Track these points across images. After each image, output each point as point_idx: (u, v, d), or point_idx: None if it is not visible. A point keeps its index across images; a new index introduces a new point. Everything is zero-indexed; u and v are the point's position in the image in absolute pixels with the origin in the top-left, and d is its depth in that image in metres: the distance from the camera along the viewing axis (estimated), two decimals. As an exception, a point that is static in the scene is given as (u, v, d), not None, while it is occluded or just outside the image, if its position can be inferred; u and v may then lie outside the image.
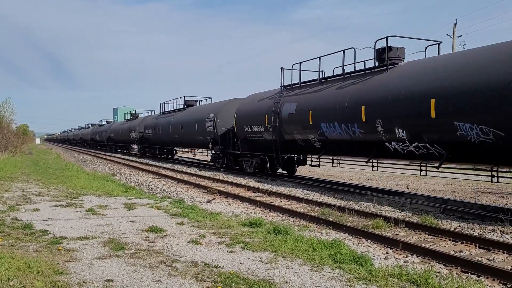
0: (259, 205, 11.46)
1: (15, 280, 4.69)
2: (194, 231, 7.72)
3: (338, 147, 14.72)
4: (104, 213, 9.28)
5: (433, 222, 9.13)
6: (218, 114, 23.02)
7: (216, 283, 4.95)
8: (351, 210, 10.27)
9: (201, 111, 25.66)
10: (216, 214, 9.46)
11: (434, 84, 10.46)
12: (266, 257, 6.08)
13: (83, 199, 11.28)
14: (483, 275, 5.77)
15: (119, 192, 13.20)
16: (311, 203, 11.75)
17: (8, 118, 44.27)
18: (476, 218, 9.80)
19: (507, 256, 6.84)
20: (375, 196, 12.64)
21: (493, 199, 13.83)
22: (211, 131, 23.12)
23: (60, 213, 9.19)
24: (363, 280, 5.16)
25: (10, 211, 9.28)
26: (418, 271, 5.53)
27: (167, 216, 9.06)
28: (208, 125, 23.45)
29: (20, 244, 6.53)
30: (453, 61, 10.84)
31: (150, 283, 4.94)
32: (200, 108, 27.24)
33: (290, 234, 7.30)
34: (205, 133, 23.90)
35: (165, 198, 12.06)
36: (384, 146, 12.32)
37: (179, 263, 5.71)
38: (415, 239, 7.98)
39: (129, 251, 6.28)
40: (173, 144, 31.99)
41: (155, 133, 33.13)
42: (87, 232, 7.41)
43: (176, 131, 28.47)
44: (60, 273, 5.12)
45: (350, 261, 5.88)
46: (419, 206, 11.26)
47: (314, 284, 5.04)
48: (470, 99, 9.54)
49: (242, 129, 19.67)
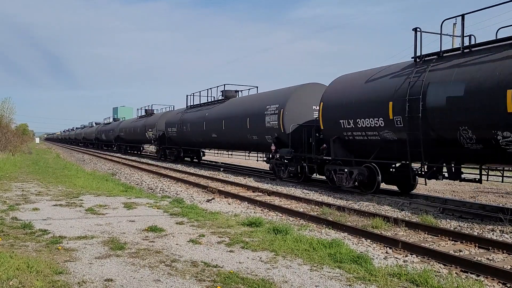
0: (259, 204, 11.46)
1: (14, 279, 4.69)
2: (193, 230, 7.72)
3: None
4: (104, 213, 9.28)
5: (433, 221, 9.13)
6: (286, 104, 16.64)
7: (215, 283, 4.95)
8: (351, 209, 10.28)
9: (255, 102, 19.52)
10: (215, 214, 9.47)
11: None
12: (266, 257, 6.08)
13: (82, 198, 11.27)
14: (482, 274, 5.77)
15: (119, 192, 13.19)
16: (310, 203, 11.76)
17: (8, 118, 44.36)
18: (475, 217, 9.81)
19: (506, 256, 6.84)
20: (374, 196, 12.64)
21: (493, 198, 13.85)
22: (274, 128, 17.19)
23: (59, 213, 9.19)
24: (363, 280, 5.16)
25: (10, 210, 9.28)
26: (418, 270, 5.53)
27: (166, 216, 9.06)
28: (269, 120, 17.44)
29: (19, 244, 6.52)
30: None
31: (149, 282, 4.94)
32: (253, 98, 20.82)
33: (290, 234, 7.30)
34: (263, 130, 17.92)
35: (165, 198, 12.06)
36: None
37: (178, 263, 5.71)
38: (415, 238, 7.99)
39: (129, 250, 6.28)
40: (208, 145, 25.73)
41: (181, 131, 27.19)
42: (87, 232, 7.40)
43: (214, 128, 22.63)
44: (59, 273, 5.12)
45: (349, 261, 5.88)
46: (418, 205, 11.26)
47: (313, 283, 5.04)
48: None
49: (335, 124, 13.73)
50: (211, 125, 23.05)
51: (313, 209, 11.04)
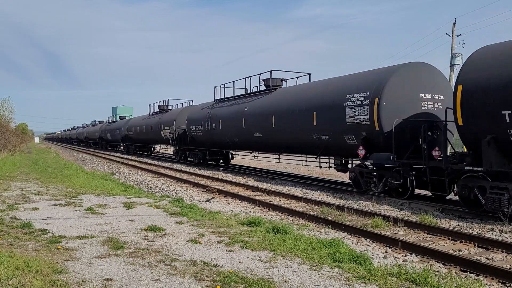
0: (258, 204, 11.46)
1: (14, 279, 4.69)
2: (193, 230, 7.72)
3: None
4: (103, 212, 9.28)
5: (432, 221, 9.13)
6: (382, 91, 12.07)
7: (215, 282, 4.95)
8: (350, 209, 10.28)
9: (326, 91, 14.74)
10: (215, 213, 9.46)
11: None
12: (265, 256, 6.08)
13: (82, 198, 11.27)
14: (482, 274, 5.78)
15: (118, 191, 13.19)
16: (310, 202, 11.76)
17: (7, 117, 44.35)
18: (475, 217, 9.80)
19: (506, 255, 6.85)
20: (374, 195, 12.64)
21: (492, 198, 13.83)
22: (362, 125, 12.64)
23: (59, 212, 9.18)
24: (362, 279, 5.17)
25: (9, 210, 9.27)
26: (417, 270, 5.53)
27: (166, 215, 9.05)
28: (353, 114, 12.84)
29: (19, 243, 6.52)
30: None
31: (149, 282, 4.94)
32: (322, 85, 15.55)
33: (289, 233, 7.30)
34: (341, 128, 13.46)
35: (164, 197, 12.05)
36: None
37: (178, 262, 5.71)
38: (414, 238, 7.99)
39: (128, 250, 6.28)
40: (246, 147, 20.77)
41: (209, 130, 22.55)
42: (86, 231, 7.40)
43: (259, 125, 18.06)
44: (59, 272, 5.12)
45: (349, 260, 5.88)
46: (418, 205, 11.26)
47: (313, 283, 5.04)
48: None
49: (490, 118, 9.11)
50: (253, 122, 18.45)
51: (313, 208, 11.05)
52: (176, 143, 27.73)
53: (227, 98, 22.55)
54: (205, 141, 23.75)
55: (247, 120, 18.89)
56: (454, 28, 30.69)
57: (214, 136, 22.38)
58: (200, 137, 24.08)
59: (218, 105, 22.70)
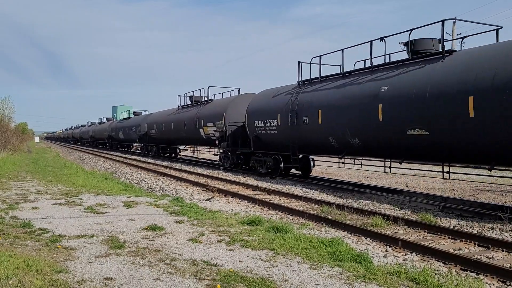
0: (259, 203, 11.46)
1: (14, 278, 4.69)
2: (193, 229, 7.71)
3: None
4: (103, 212, 9.28)
5: (432, 220, 9.13)
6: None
7: (215, 281, 4.95)
8: (350, 208, 10.27)
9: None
10: (215, 212, 9.46)
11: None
12: (266, 255, 6.08)
13: (82, 197, 11.27)
14: (482, 273, 5.78)
15: (118, 191, 13.19)
16: (310, 201, 11.76)
17: (7, 116, 44.33)
18: (475, 216, 9.81)
19: (506, 254, 6.85)
20: (374, 194, 12.64)
21: (492, 197, 13.85)
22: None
23: (59, 212, 9.19)
24: (363, 278, 5.16)
25: (9, 209, 9.28)
26: (418, 269, 5.54)
27: (166, 215, 9.05)
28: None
29: (19, 243, 6.52)
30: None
31: (149, 281, 4.94)
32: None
33: (290, 232, 7.30)
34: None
35: (164, 196, 12.05)
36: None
37: (178, 262, 5.71)
38: (415, 237, 7.99)
39: (129, 249, 6.27)
40: (379, 151, 13.06)
41: (294, 125, 15.71)
42: (86, 231, 7.40)
43: (417, 115, 10.83)
44: (59, 272, 5.12)
45: (349, 259, 5.88)
46: (418, 204, 11.26)
47: (313, 282, 5.04)
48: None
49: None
50: (403, 111, 11.26)
51: (313, 207, 11.05)
52: (229, 143, 20.94)
53: (328, 76, 15.33)
54: (283, 141, 16.89)
55: (387, 108, 11.72)
56: (454, 27, 30.66)
57: (302, 134, 15.64)
58: (273, 136, 17.44)
59: (309, 88, 15.74)
